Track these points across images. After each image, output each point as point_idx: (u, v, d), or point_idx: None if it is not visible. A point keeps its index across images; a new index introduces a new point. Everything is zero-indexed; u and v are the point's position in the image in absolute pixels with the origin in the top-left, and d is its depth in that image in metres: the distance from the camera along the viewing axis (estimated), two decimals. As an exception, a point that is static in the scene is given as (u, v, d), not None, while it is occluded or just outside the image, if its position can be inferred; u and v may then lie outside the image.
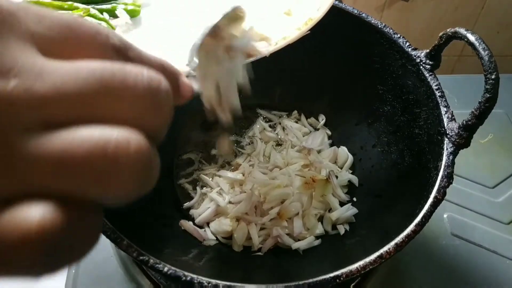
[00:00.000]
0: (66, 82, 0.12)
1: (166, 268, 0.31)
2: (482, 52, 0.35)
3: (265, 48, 0.33)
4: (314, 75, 0.55)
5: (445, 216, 0.53)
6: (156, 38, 0.35)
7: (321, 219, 0.48)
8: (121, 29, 0.35)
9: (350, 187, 0.51)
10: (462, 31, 0.37)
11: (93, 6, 0.29)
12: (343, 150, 0.53)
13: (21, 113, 0.12)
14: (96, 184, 0.12)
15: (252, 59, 0.32)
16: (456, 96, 0.65)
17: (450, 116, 0.39)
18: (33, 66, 0.12)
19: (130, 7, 0.34)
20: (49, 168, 0.12)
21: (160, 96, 0.14)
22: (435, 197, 0.35)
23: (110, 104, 0.13)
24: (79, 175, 0.12)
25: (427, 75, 0.41)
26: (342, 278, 0.32)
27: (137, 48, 0.16)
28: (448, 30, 0.39)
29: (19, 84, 0.12)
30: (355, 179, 0.51)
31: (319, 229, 0.46)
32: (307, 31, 0.35)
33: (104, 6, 0.34)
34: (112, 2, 0.35)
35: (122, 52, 0.15)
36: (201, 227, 0.47)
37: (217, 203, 0.48)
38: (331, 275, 0.32)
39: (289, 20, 0.37)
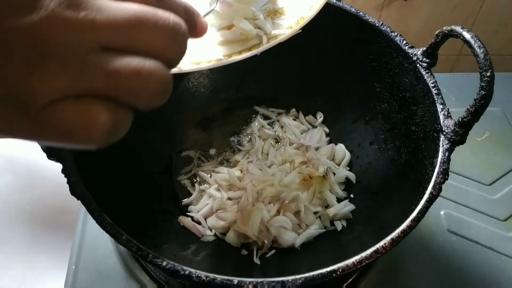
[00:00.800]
0: (117, 16, 0.17)
1: (165, 262, 0.32)
2: (478, 50, 0.36)
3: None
4: (312, 73, 0.55)
5: (441, 213, 0.54)
6: None
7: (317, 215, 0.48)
8: None
9: (347, 184, 0.51)
10: (458, 29, 0.38)
11: None
12: (340, 147, 0.53)
13: (87, 34, 0.17)
14: (133, 92, 0.18)
15: (243, 56, 0.33)
16: (453, 94, 0.65)
17: (446, 113, 0.39)
18: (95, 3, 0.17)
19: None
20: (106, 76, 0.17)
21: (179, 35, 0.19)
22: (431, 193, 0.36)
23: (145, 36, 0.18)
24: (124, 84, 0.18)
25: (424, 73, 0.42)
26: (338, 272, 0.32)
27: None
28: (444, 28, 0.39)
29: (86, 14, 0.17)
30: (352, 176, 0.51)
31: (318, 225, 0.47)
32: (299, 29, 0.35)
33: None
34: None
35: None
36: (199, 223, 0.48)
37: (216, 199, 0.48)
38: (328, 269, 0.32)
39: (282, 19, 0.37)
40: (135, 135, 0.50)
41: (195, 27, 0.23)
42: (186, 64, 0.31)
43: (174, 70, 0.23)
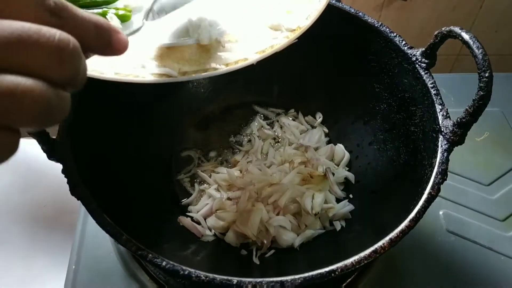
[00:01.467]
0: None
1: (165, 262, 0.32)
2: (476, 51, 0.36)
3: (252, 56, 0.33)
4: (311, 73, 0.55)
5: (440, 213, 0.54)
6: (146, 41, 0.35)
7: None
8: None
9: (346, 184, 0.52)
10: (457, 29, 0.38)
11: (84, 10, 0.30)
12: (339, 148, 0.54)
13: None
14: (7, 114, 0.17)
15: (239, 66, 0.32)
16: (452, 94, 0.65)
17: (445, 113, 0.39)
18: None
19: (121, 12, 0.34)
20: None
21: (66, 53, 0.18)
22: (430, 193, 0.36)
23: (23, 55, 0.17)
24: None
25: (423, 73, 0.42)
26: (337, 273, 0.32)
27: (73, 9, 0.20)
28: (443, 28, 0.39)
29: None
30: (351, 176, 0.51)
31: (317, 225, 0.47)
32: (295, 39, 0.35)
33: (95, 11, 0.35)
34: (103, 6, 0.35)
35: (56, 12, 0.19)
36: (199, 223, 0.48)
37: (215, 199, 0.48)
38: (327, 269, 0.32)
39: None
40: (135, 135, 0.50)
41: (109, 44, 0.22)
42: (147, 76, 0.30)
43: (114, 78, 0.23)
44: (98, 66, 0.30)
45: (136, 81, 0.30)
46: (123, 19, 0.34)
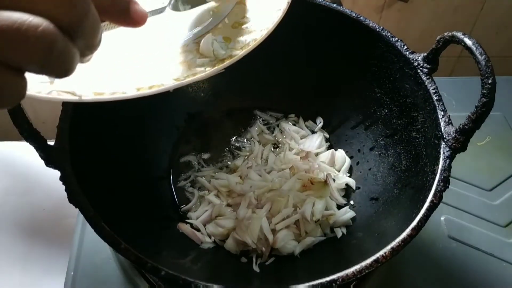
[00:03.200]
0: None
1: (164, 271, 0.31)
2: (479, 57, 0.35)
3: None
4: (311, 77, 0.55)
5: (442, 218, 0.54)
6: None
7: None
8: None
9: (347, 190, 0.51)
10: (460, 35, 0.37)
11: None
12: (340, 153, 0.53)
13: None
14: (12, 50, 0.17)
15: (222, 66, 0.31)
16: (454, 98, 0.65)
17: (447, 120, 0.39)
18: None
19: None
20: None
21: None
22: (432, 201, 0.35)
23: None
24: (2, 40, 0.16)
25: (425, 78, 0.42)
26: (338, 282, 0.32)
27: None
28: (445, 34, 0.39)
29: None
30: (352, 182, 0.51)
31: (318, 233, 0.47)
32: (262, 39, 0.33)
33: None
34: None
35: None
36: (198, 230, 0.47)
37: (215, 205, 0.48)
38: (327, 279, 0.32)
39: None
40: (134, 141, 0.50)
41: (126, 12, 0.22)
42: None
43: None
44: (74, 87, 0.28)
45: (120, 98, 0.28)
46: None
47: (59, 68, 0.18)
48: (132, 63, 0.32)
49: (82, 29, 0.18)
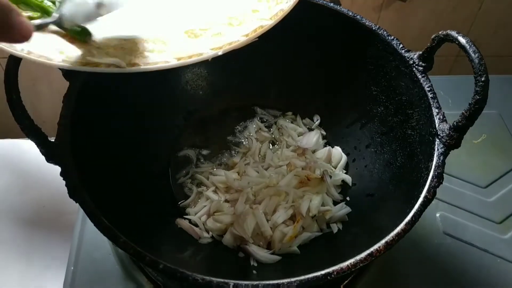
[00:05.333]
0: None
1: (162, 265, 0.32)
2: (473, 55, 0.36)
3: (201, 54, 0.32)
4: (309, 75, 0.56)
5: (437, 215, 0.54)
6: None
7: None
8: None
9: (343, 187, 0.52)
10: (454, 33, 0.38)
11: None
12: (337, 150, 0.54)
13: None
14: None
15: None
16: (450, 97, 0.65)
17: (441, 117, 0.39)
18: None
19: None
20: None
21: None
22: (425, 196, 0.36)
23: None
24: None
25: (420, 76, 0.42)
26: (333, 276, 0.32)
27: None
28: (440, 32, 0.40)
29: None
30: (348, 179, 0.51)
31: (315, 228, 0.47)
32: (255, 38, 0.35)
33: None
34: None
35: None
36: (197, 225, 0.48)
37: (213, 201, 0.48)
38: (322, 272, 0.32)
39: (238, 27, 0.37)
40: (133, 138, 0.50)
41: (10, 26, 0.20)
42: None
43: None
44: (46, 52, 0.30)
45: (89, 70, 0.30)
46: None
47: None
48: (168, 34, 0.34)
49: None
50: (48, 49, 0.31)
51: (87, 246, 0.50)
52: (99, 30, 0.34)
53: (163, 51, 0.33)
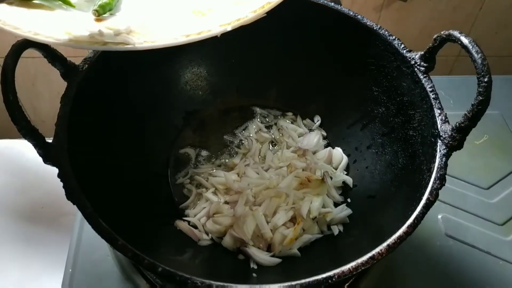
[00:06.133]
0: None
1: (160, 268, 0.32)
2: (475, 55, 0.35)
3: (210, 30, 0.33)
4: (309, 76, 0.55)
5: (439, 217, 0.54)
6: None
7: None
8: None
9: (344, 188, 0.51)
10: (456, 33, 0.37)
11: None
12: (338, 151, 0.53)
13: None
14: None
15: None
16: (451, 97, 0.65)
17: (443, 118, 0.39)
18: None
19: None
20: None
21: None
22: (428, 198, 0.36)
23: None
24: None
25: (422, 77, 0.42)
26: (334, 279, 0.32)
27: None
28: (442, 32, 0.39)
29: None
30: (349, 180, 0.51)
31: (315, 230, 0.47)
32: (264, 14, 0.35)
33: None
34: None
35: None
36: (196, 227, 0.47)
37: (212, 203, 0.48)
38: (324, 275, 0.32)
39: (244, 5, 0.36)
40: (133, 139, 0.50)
41: None
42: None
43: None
44: (53, 33, 0.30)
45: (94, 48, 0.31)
46: None
47: None
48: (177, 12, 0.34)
49: None
50: (55, 30, 0.31)
51: (85, 247, 0.49)
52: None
53: (172, 30, 0.33)
